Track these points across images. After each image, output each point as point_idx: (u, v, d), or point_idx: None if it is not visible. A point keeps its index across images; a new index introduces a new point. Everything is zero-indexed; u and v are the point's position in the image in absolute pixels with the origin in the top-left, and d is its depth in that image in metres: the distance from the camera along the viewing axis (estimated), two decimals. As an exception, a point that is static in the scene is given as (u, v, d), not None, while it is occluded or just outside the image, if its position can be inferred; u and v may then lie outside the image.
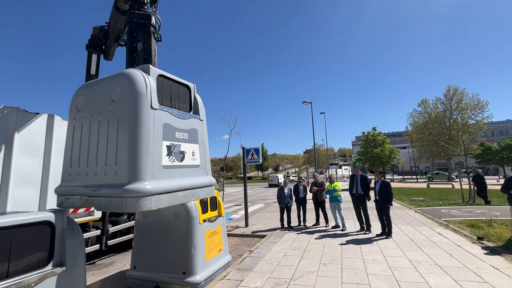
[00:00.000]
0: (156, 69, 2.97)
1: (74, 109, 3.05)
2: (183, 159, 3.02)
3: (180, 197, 2.86)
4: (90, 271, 5.36)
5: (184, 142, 3.08)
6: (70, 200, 2.78)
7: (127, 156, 2.50)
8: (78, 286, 2.47)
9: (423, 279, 4.08)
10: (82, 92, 3.07)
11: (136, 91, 2.62)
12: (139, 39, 3.56)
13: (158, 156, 2.67)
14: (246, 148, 9.09)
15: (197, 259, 4.17)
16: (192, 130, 3.26)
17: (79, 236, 2.57)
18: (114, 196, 2.45)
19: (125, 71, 2.82)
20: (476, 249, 5.42)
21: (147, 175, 2.51)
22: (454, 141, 33.05)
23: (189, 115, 3.30)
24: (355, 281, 4.09)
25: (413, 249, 5.64)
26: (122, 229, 6.29)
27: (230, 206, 15.90)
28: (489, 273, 4.21)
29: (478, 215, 9.02)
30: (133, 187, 2.40)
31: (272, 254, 5.73)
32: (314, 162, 25.63)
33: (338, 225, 7.86)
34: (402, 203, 13.15)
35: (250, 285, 4.15)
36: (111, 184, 2.52)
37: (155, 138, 2.68)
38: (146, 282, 4.27)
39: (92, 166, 2.73)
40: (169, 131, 2.89)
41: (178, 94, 3.28)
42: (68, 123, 3.10)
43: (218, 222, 4.99)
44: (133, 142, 2.51)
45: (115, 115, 2.66)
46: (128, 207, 2.39)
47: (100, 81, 3.01)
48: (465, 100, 35.51)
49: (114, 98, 2.71)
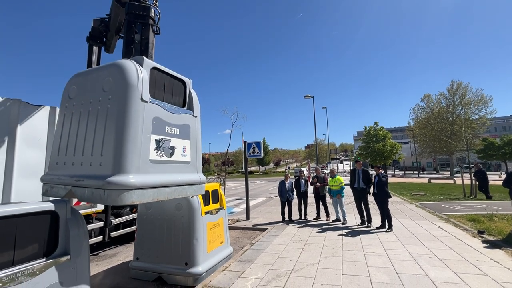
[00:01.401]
0: (150, 61, 2.90)
1: (66, 98, 2.99)
2: (172, 155, 2.95)
3: (167, 193, 2.79)
4: (93, 261, 5.44)
5: (175, 138, 3.00)
6: (55, 189, 2.72)
7: (112, 147, 2.42)
8: (82, 275, 2.50)
9: (423, 271, 4.11)
10: (75, 81, 3.00)
11: (126, 81, 2.56)
12: (137, 30, 3.52)
13: (145, 150, 2.60)
14: (247, 142, 9.10)
15: (199, 250, 4.21)
16: (184, 125, 3.17)
17: (82, 226, 2.59)
18: (97, 187, 2.38)
19: (118, 61, 2.75)
20: (476, 243, 5.45)
21: (132, 168, 2.44)
22: (456, 136, 32.90)
23: (182, 110, 3.22)
24: (355, 273, 4.13)
25: (413, 242, 5.67)
26: (125, 221, 6.35)
27: (232, 200, 15.99)
28: (488, 266, 4.23)
29: (479, 209, 9.02)
30: (116, 179, 2.33)
31: (273, 246, 5.78)
32: (316, 157, 25.64)
33: (339, 218, 7.90)
34: (403, 197, 13.17)
35: (252, 276, 4.20)
36: (94, 175, 2.44)
37: (144, 131, 2.60)
38: (148, 273, 4.33)
39: (78, 155, 2.66)
40: (159, 125, 2.81)
41: (172, 88, 3.19)
42: (59, 111, 3.05)
43: (219, 215, 5.03)
44: (120, 133, 2.44)
45: (104, 105, 2.59)
46: (110, 199, 2.32)
47: (93, 70, 2.95)
48: (468, 95, 35.20)
49: (105, 88, 2.65)
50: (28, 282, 2.10)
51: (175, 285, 4.11)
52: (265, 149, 71.87)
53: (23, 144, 4.26)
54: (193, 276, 4.06)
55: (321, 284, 3.78)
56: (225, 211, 5.32)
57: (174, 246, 4.27)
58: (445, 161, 54.65)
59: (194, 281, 4.04)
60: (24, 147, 4.28)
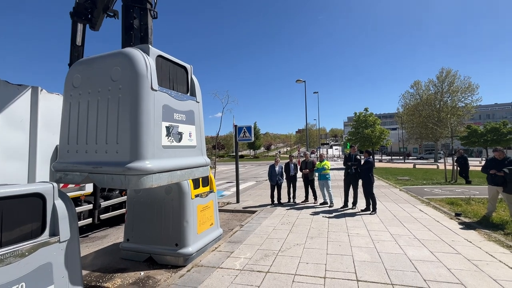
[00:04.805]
0: (155, 50, 2.98)
1: (70, 86, 3.03)
2: (180, 140, 3.13)
3: (179, 176, 3.00)
4: (84, 243, 5.48)
5: (182, 124, 3.17)
6: (70, 176, 2.87)
7: (128, 135, 2.58)
8: (72, 256, 2.54)
9: (402, 250, 4.37)
10: (78, 69, 3.03)
11: (136, 72, 2.65)
12: (136, 16, 3.42)
13: (158, 137, 2.77)
14: (238, 126, 9.07)
15: (189, 232, 4.31)
16: (189, 111, 3.33)
17: (70, 208, 2.60)
18: (117, 173, 2.55)
19: (125, 50, 2.82)
20: (453, 224, 5.79)
21: (148, 154, 2.62)
22: (442, 123, 33.76)
23: (186, 96, 3.35)
24: (339, 253, 4.35)
25: (395, 224, 5.97)
26: (115, 203, 6.36)
27: (222, 183, 16.15)
28: (462, 245, 4.53)
29: (458, 193, 9.50)
30: (136, 165, 2.51)
31: (262, 228, 5.96)
32: (306, 141, 25.93)
33: (326, 201, 8.16)
34: (388, 182, 13.65)
35: (240, 256, 4.35)
36: (113, 161, 2.61)
37: (155, 119, 2.75)
38: (139, 253, 4.42)
39: (92, 143, 2.79)
40: (168, 112, 2.96)
41: (176, 75, 3.32)
42: (64, 100, 3.09)
43: (209, 198, 5.11)
44: (134, 122, 2.59)
45: (115, 95, 2.70)
46: (131, 184, 2.51)
47: (96, 59, 2.98)
48: (456, 83, 35.77)
49: (113, 77, 2.73)
50: (17, 263, 2.12)
51: (165, 265, 4.23)
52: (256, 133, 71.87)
53: (4, 125, 4.11)
54: (184, 256, 4.18)
55: (306, 263, 3.98)
56: (215, 194, 5.40)
57: (165, 228, 4.35)
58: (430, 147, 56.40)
59: (184, 261, 4.17)
60: (6, 128, 4.13)
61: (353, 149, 8.00)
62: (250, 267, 3.91)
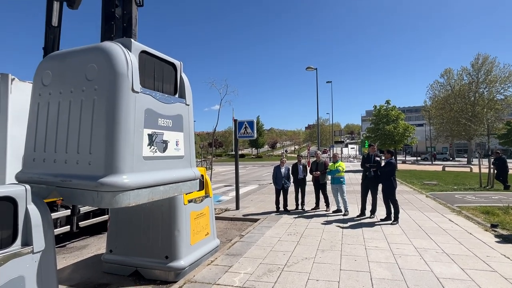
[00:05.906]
0: (138, 44, 2.92)
1: (39, 84, 2.99)
2: (165, 150, 3.09)
3: (161, 192, 2.97)
4: (61, 254, 5.54)
5: (168, 130, 3.12)
6: (34, 189, 2.82)
7: (103, 145, 2.53)
8: (47, 268, 2.57)
9: (428, 267, 4.36)
10: (49, 65, 3.00)
11: (115, 70, 2.60)
12: (118, 3, 3.39)
13: (138, 146, 2.72)
14: (238, 121, 9.06)
15: (181, 242, 4.33)
16: (177, 116, 3.28)
17: (46, 214, 2.62)
18: (89, 189, 2.52)
19: (103, 45, 2.77)
20: (488, 237, 5.76)
21: (126, 167, 2.57)
22: (477, 118, 33.48)
23: (174, 98, 3.31)
24: (354, 269, 4.35)
25: (420, 236, 5.95)
26: (96, 209, 6.41)
27: (219, 186, 16.21)
28: (499, 262, 4.51)
29: (495, 201, 9.44)
30: (110, 180, 2.45)
31: (265, 239, 5.99)
32: (317, 139, 25.88)
33: (340, 209, 8.16)
34: (413, 187, 13.61)
35: (240, 271, 4.37)
36: (84, 175, 2.57)
37: (136, 125, 2.71)
38: (124, 267, 4.45)
39: (61, 152, 2.75)
40: (152, 117, 2.91)
41: (163, 73, 3.27)
42: (31, 99, 3.06)
43: (205, 203, 5.13)
44: (110, 129, 2.54)
45: (89, 96, 2.65)
46: (104, 202, 2.48)
47: (70, 53, 2.95)
48: (495, 71, 35.44)
49: (88, 76, 2.69)
50: (-16, 276, 2.14)
51: (154, 280, 4.26)
52: (259, 129, 71.94)
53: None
54: (175, 271, 4.21)
55: (316, 280, 3.98)
56: (212, 199, 5.43)
57: (153, 238, 4.38)
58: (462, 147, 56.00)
59: (175, 276, 4.19)
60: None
61: (372, 149, 7.97)
62: (251, 283, 3.93)
